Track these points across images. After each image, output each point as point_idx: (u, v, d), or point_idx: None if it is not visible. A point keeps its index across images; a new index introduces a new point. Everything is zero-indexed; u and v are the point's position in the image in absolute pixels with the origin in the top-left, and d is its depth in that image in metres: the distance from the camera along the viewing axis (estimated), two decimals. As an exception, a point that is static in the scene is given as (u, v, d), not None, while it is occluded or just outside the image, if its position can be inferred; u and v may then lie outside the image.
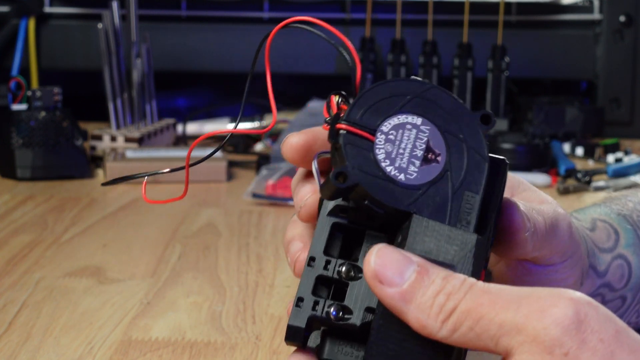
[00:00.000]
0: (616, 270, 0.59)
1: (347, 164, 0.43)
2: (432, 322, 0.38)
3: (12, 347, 0.66)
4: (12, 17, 1.51)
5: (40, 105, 1.22)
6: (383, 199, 0.42)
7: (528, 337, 0.37)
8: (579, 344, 0.37)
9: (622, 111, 1.54)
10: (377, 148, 0.44)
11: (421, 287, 0.39)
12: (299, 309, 0.44)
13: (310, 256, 0.45)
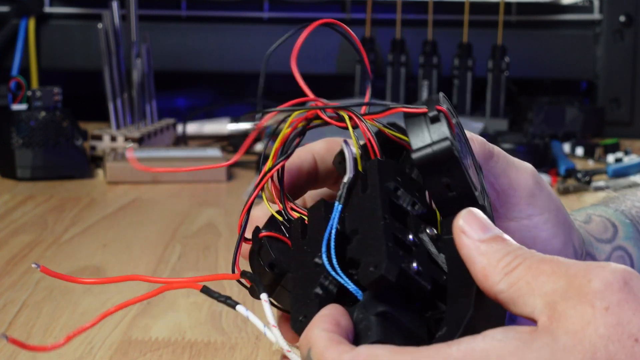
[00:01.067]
0: (617, 261, 0.59)
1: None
2: (496, 274, 0.41)
3: (12, 347, 0.66)
4: (12, 17, 1.51)
5: (40, 105, 1.22)
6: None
7: (574, 290, 0.38)
8: (620, 301, 0.38)
9: (622, 111, 1.54)
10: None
11: (495, 244, 0.41)
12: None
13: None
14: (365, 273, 0.42)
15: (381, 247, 0.43)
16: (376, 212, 0.44)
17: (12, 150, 1.21)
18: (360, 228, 0.45)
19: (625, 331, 0.37)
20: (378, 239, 0.43)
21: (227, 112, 1.55)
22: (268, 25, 1.57)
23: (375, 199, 0.45)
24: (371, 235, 0.44)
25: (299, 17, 1.56)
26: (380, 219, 0.44)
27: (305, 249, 0.46)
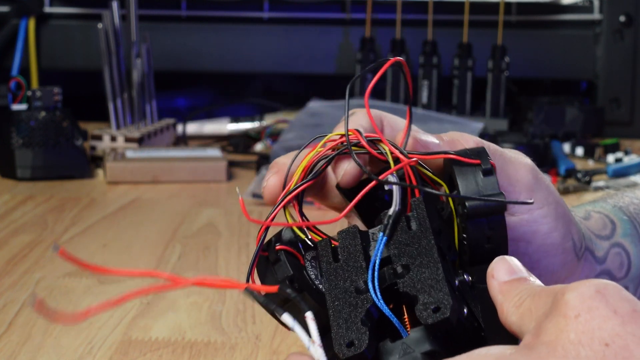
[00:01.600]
0: (615, 258, 0.59)
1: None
2: (510, 308, 0.44)
3: (13, 347, 0.66)
4: (12, 17, 1.51)
5: (40, 105, 1.22)
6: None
7: (553, 306, 0.41)
8: (590, 309, 0.39)
9: (622, 111, 1.54)
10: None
11: (517, 284, 0.44)
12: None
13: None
14: (426, 312, 0.43)
15: (443, 289, 0.44)
16: (432, 252, 0.45)
17: (12, 150, 1.21)
18: (413, 265, 0.45)
19: (596, 336, 0.39)
20: (438, 279, 0.44)
21: (227, 112, 1.55)
22: (268, 25, 1.57)
23: (429, 238, 0.46)
24: (428, 275, 0.45)
25: (299, 17, 1.56)
26: (438, 260, 0.45)
27: (339, 272, 0.47)
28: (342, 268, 0.47)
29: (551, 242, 0.54)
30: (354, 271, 0.46)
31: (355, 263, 0.46)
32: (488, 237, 0.47)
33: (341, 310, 0.45)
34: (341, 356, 0.43)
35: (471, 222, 0.47)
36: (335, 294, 0.46)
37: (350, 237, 0.48)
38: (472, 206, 0.47)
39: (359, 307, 0.45)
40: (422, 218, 0.47)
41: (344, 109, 0.53)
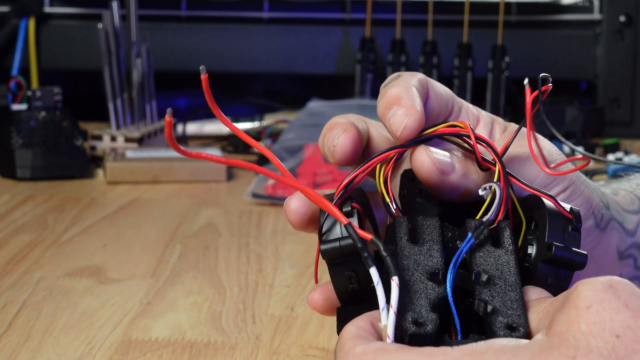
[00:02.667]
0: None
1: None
2: (532, 316, 0.44)
3: (12, 347, 0.66)
4: (12, 17, 1.51)
5: (40, 105, 1.22)
6: None
7: (567, 300, 0.41)
8: (602, 300, 0.39)
9: (622, 111, 1.54)
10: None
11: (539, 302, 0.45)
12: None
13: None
14: (501, 327, 0.44)
15: (523, 312, 0.44)
16: (515, 274, 0.46)
17: (12, 150, 1.21)
18: (494, 278, 0.46)
19: (607, 327, 0.39)
20: (518, 302, 0.45)
21: (227, 112, 1.54)
22: (268, 25, 1.57)
23: (514, 261, 0.47)
24: (507, 294, 0.45)
25: (299, 17, 1.56)
26: (520, 285, 0.46)
27: (414, 253, 0.46)
28: (418, 250, 0.46)
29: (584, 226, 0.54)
30: (428, 256, 0.46)
31: (432, 250, 0.46)
32: (549, 284, 0.48)
33: (412, 287, 0.45)
34: (409, 331, 0.43)
35: (545, 265, 0.48)
36: (407, 269, 0.45)
37: (431, 225, 0.48)
38: (558, 252, 0.47)
39: (431, 293, 0.44)
40: (507, 240, 0.47)
41: (343, 109, 0.53)
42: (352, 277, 0.47)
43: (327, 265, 0.47)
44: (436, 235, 0.47)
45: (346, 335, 0.43)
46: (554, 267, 0.48)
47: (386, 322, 0.43)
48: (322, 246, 0.46)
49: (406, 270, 0.45)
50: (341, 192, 0.48)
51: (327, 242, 0.46)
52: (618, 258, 0.58)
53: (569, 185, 0.54)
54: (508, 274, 0.46)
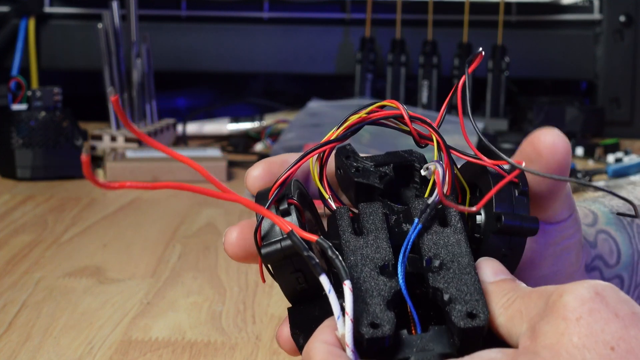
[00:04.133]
0: (604, 243, 0.59)
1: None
2: (497, 309, 0.43)
3: (12, 347, 0.67)
4: (12, 17, 1.51)
5: (40, 105, 1.23)
6: None
7: (549, 308, 0.40)
8: (591, 311, 0.39)
9: (622, 111, 1.54)
10: None
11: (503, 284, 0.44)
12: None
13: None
14: (460, 315, 0.42)
15: (480, 297, 0.43)
16: (467, 255, 0.45)
17: (12, 150, 1.21)
18: (446, 262, 0.44)
19: (600, 340, 0.38)
20: (475, 286, 0.43)
21: (227, 112, 1.55)
22: (268, 25, 1.57)
23: (464, 240, 0.45)
24: (462, 278, 0.44)
25: (299, 17, 1.56)
26: (475, 270, 0.44)
27: (360, 246, 0.45)
28: (364, 243, 0.45)
29: (574, 241, 0.54)
30: (376, 248, 0.45)
31: (378, 240, 0.45)
32: (503, 254, 0.46)
33: (363, 286, 0.43)
34: (366, 336, 0.41)
35: (496, 236, 0.46)
36: (356, 266, 0.44)
37: (374, 212, 0.46)
38: (508, 222, 0.46)
39: (384, 289, 0.43)
40: (455, 217, 0.46)
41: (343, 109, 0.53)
42: (299, 277, 0.45)
43: (271, 268, 0.45)
44: (380, 222, 0.46)
45: (319, 356, 0.41)
46: (506, 237, 0.46)
47: (343, 330, 0.41)
48: (262, 250, 0.45)
49: (355, 267, 0.44)
50: (275, 191, 0.46)
51: (267, 245, 0.45)
52: (586, 271, 0.58)
53: (574, 208, 0.54)
54: (460, 256, 0.44)
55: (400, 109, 0.48)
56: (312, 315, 0.46)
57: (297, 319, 0.46)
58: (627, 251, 0.60)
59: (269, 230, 0.45)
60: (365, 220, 0.46)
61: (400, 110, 0.48)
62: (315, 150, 0.47)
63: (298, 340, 0.46)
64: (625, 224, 0.61)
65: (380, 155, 0.51)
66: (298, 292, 0.46)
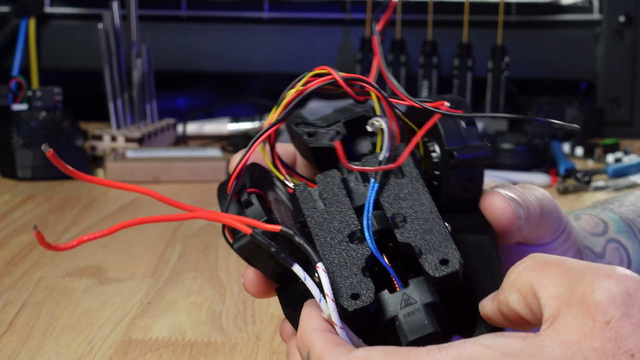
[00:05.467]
0: (614, 253, 0.59)
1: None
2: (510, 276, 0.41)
3: (13, 347, 0.67)
4: (12, 17, 1.51)
5: (41, 105, 1.23)
6: None
7: (577, 298, 0.38)
8: (622, 315, 0.37)
9: (621, 111, 1.55)
10: None
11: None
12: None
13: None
14: (433, 264, 0.43)
15: (450, 243, 0.43)
16: (430, 203, 0.45)
17: (12, 150, 1.21)
18: (409, 215, 0.45)
19: (622, 346, 0.37)
20: (443, 233, 0.44)
21: (227, 112, 1.55)
22: (268, 25, 1.57)
23: (422, 188, 0.46)
24: (429, 226, 0.44)
25: (299, 17, 1.57)
26: (438, 214, 0.44)
27: (325, 218, 0.45)
28: (328, 214, 0.45)
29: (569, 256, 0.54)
30: (340, 217, 0.45)
31: (341, 208, 0.45)
32: (466, 187, 0.47)
33: (336, 259, 0.44)
34: (349, 309, 0.42)
35: (454, 172, 0.47)
36: (325, 241, 0.45)
37: (332, 181, 0.47)
38: (461, 156, 0.46)
39: (356, 257, 0.44)
40: (409, 166, 0.46)
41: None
42: (277, 259, 0.45)
43: (248, 260, 0.46)
44: (339, 190, 0.46)
45: (319, 346, 0.41)
46: (463, 170, 0.47)
47: (328, 311, 0.42)
48: (234, 245, 0.45)
49: (324, 244, 0.44)
50: (233, 186, 0.47)
51: (238, 239, 0.45)
52: None
53: (565, 228, 0.54)
54: (420, 205, 0.45)
55: (332, 74, 0.48)
56: (299, 292, 0.46)
57: (287, 299, 0.47)
58: (638, 259, 0.60)
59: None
60: (325, 192, 0.46)
61: (333, 74, 0.48)
62: (261, 136, 0.47)
63: (293, 318, 0.47)
64: (637, 232, 0.61)
65: (330, 115, 0.52)
66: (280, 273, 0.47)
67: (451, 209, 0.47)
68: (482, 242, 0.46)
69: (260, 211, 0.46)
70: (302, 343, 0.42)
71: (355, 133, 0.50)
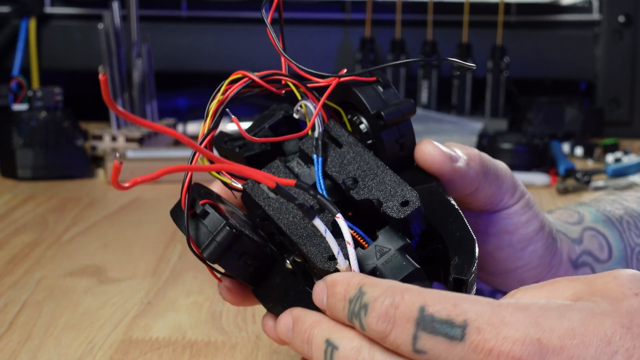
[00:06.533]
0: (592, 240, 0.60)
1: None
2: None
3: (13, 346, 0.67)
4: (12, 18, 1.51)
5: (41, 105, 1.23)
6: None
7: (597, 288, 0.40)
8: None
9: (621, 111, 1.55)
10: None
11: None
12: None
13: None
14: (395, 208, 0.45)
15: (404, 185, 0.46)
16: (373, 159, 0.47)
17: (13, 150, 1.21)
18: (358, 175, 0.47)
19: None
20: (394, 179, 0.46)
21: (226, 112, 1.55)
22: (268, 25, 1.57)
23: (362, 149, 0.48)
24: (381, 179, 0.46)
25: (299, 17, 1.57)
26: (384, 166, 0.47)
27: (281, 203, 0.47)
28: (283, 201, 0.47)
29: (533, 229, 0.55)
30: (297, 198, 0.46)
31: (294, 191, 0.47)
32: (400, 144, 0.49)
33: (304, 233, 0.45)
34: (330, 269, 0.44)
35: (385, 132, 0.49)
36: (289, 221, 0.46)
37: (277, 171, 0.49)
38: (389, 115, 0.48)
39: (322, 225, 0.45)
40: (344, 136, 0.48)
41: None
42: (247, 259, 0.47)
43: (217, 265, 0.47)
44: (287, 175, 0.48)
45: (399, 286, 0.41)
46: (394, 128, 0.49)
47: (345, 263, 0.43)
48: (204, 253, 0.46)
49: (291, 224, 0.46)
50: (185, 200, 0.48)
51: (205, 248, 0.47)
52: (572, 267, 0.59)
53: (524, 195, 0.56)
54: (365, 163, 0.47)
55: (248, 75, 0.52)
56: (275, 285, 0.48)
57: (265, 295, 0.49)
58: (619, 246, 0.61)
59: (197, 235, 0.48)
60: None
61: (249, 75, 0.52)
62: (197, 151, 0.50)
63: (277, 310, 0.48)
64: (615, 221, 0.62)
65: (252, 124, 0.54)
66: (252, 273, 0.48)
67: (393, 168, 0.49)
68: (430, 189, 0.49)
69: (219, 218, 0.47)
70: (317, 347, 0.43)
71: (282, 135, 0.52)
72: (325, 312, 0.44)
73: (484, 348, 0.38)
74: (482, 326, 0.38)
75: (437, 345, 0.39)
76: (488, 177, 0.53)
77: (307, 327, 0.44)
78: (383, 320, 0.40)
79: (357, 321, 0.41)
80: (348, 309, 0.42)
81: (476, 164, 0.52)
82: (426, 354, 0.39)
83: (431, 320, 0.39)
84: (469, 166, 0.51)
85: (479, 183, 0.52)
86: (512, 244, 0.55)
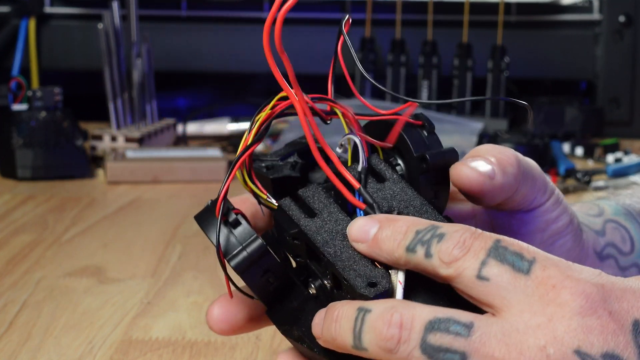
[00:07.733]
0: (614, 232, 0.60)
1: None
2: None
3: (13, 346, 0.67)
4: (12, 18, 1.51)
5: (41, 105, 1.23)
6: None
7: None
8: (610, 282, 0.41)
9: (621, 111, 1.55)
10: None
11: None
12: None
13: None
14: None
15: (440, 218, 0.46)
16: (416, 196, 0.47)
17: (12, 150, 1.21)
18: (402, 210, 0.46)
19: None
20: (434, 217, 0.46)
21: (227, 112, 1.55)
22: (268, 25, 1.57)
23: (405, 184, 0.48)
24: (425, 216, 0.46)
25: (299, 17, 1.57)
26: (426, 201, 0.47)
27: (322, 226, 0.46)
28: (321, 221, 0.46)
29: (563, 224, 0.55)
30: (335, 222, 0.46)
31: (334, 214, 0.46)
32: (436, 191, 0.49)
33: (343, 256, 0.45)
34: (370, 295, 0.43)
35: (424, 176, 0.48)
36: (326, 242, 0.46)
37: (317, 193, 0.48)
38: (433, 160, 0.48)
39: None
40: (387, 169, 0.48)
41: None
42: (270, 277, 0.47)
43: (240, 276, 0.47)
44: (326, 199, 0.48)
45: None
46: (432, 174, 0.49)
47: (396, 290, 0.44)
48: (231, 262, 0.46)
49: (327, 244, 0.45)
50: (221, 207, 0.50)
51: (232, 257, 0.47)
52: (598, 259, 0.58)
53: (554, 191, 0.56)
54: (411, 200, 0.47)
55: (291, 97, 0.51)
56: (292, 308, 0.48)
57: (281, 317, 0.48)
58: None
59: (225, 244, 0.48)
60: (311, 202, 0.48)
61: (292, 98, 0.51)
62: (240, 159, 0.49)
63: (292, 333, 0.48)
64: (635, 215, 0.62)
65: (280, 149, 0.53)
66: (271, 292, 0.48)
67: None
68: None
69: (250, 230, 0.47)
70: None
71: (308, 163, 0.52)
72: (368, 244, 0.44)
73: (548, 284, 0.40)
74: (549, 265, 0.40)
75: (501, 274, 0.40)
76: (524, 178, 0.52)
77: (338, 307, 0.43)
78: (459, 247, 0.41)
79: (423, 248, 0.42)
80: (413, 238, 0.43)
81: (514, 168, 0.51)
82: (488, 282, 0.40)
83: (504, 249, 0.41)
84: (507, 173, 0.50)
85: (517, 186, 0.52)
86: (543, 241, 0.55)
